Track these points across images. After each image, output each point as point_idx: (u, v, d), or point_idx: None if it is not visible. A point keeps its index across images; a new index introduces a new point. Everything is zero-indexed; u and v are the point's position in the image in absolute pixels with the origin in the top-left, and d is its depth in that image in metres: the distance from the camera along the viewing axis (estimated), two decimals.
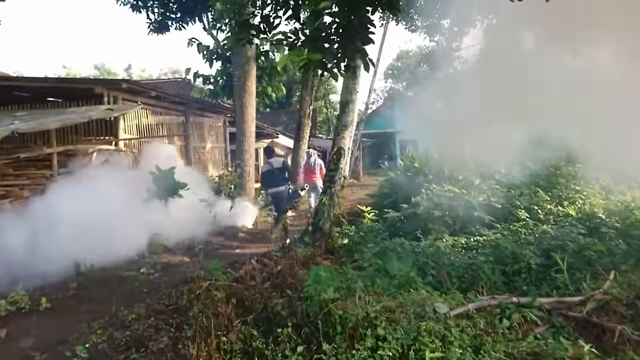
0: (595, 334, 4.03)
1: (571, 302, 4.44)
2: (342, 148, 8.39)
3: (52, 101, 11.64)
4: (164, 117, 12.77)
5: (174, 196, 9.19)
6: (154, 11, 14.65)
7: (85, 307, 5.66)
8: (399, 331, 3.75)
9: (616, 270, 4.86)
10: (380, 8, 4.22)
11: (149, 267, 7.42)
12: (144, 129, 11.84)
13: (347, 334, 3.82)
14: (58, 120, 8.61)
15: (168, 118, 13.01)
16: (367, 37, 4.45)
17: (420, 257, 5.70)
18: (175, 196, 9.20)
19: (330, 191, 8.17)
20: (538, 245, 5.71)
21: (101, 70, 48.03)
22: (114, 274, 6.96)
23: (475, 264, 5.44)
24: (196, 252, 8.63)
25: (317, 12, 3.99)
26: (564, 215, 7.38)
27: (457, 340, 3.70)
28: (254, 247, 9.23)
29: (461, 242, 6.60)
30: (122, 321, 4.92)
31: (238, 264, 6.65)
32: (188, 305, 4.72)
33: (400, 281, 5.02)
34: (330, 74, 4.53)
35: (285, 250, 7.32)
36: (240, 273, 5.79)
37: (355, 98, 8.80)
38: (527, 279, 5.25)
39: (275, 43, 4.24)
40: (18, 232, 6.93)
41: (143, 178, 9.07)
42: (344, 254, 7.01)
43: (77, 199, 7.30)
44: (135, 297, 5.82)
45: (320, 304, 4.13)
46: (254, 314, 4.46)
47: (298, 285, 4.91)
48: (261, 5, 4.83)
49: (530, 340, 3.80)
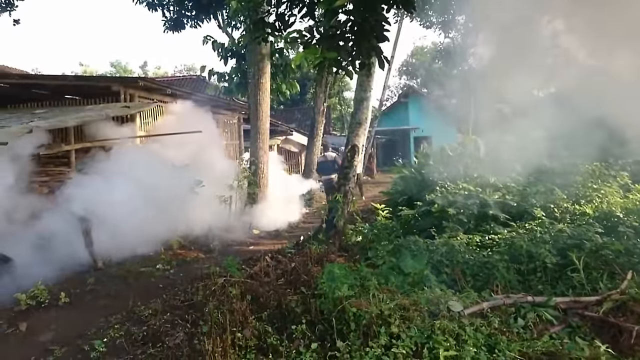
0: (612, 335, 3.98)
1: (587, 302, 4.39)
2: (356, 145, 8.40)
3: (70, 99, 11.81)
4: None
5: (190, 192, 9.27)
6: (170, 9, 14.75)
7: (102, 302, 5.76)
8: (413, 329, 3.75)
9: (634, 270, 4.79)
10: (395, 5, 4.21)
11: (164, 263, 7.52)
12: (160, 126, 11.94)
13: (361, 332, 3.83)
14: (76, 117, 8.75)
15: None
16: (382, 34, 4.46)
17: (434, 255, 5.67)
18: (191, 192, 9.29)
19: (344, 189, 8.18)
20: (554, 244, 5.64)
21: (117, 67, 48.54)
22: (131, 270, 7.07)
23: (490, 263, 5.40)
24: (211, 249, 8.74)
25: (332, 10, 4.00)
26: (580, 214, 7.28)
27: (471, 339, 3.69)
28: (268, 244, 9.29)
29: (476, 241, 6.56)
30: (139, 316, 5.00)
31: (252, 261, 6.72)
32: (203, 302, 4.79)
33: (414, 279, 5.01)
34: (345, 72, 4.54)
35: (299, 247, 7.36)
36: (255, 270, 5.86)
37: (370, 95, 8.79)
38: (542, 278, 5.19)
39: (290, 41, 4.24)
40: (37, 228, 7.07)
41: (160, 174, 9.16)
42: (358, 251, 7.01)
43: (94, 196, 7.42)
44: (151, 293, 5.91)
45: (334, 302, 4.15)
46: (268, 310, 4.51)
47: (312, 282, 4.95)
48: (276, 4, 4.84)
49: (546, 340, 3.76)
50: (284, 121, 24.27)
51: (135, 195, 7.86)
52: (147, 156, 10.43)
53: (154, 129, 11.53)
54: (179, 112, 11.84)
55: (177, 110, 12.01)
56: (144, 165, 9.01)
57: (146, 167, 8.99)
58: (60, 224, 7.18)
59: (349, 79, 5.10)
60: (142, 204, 7.94)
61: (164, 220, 8.78)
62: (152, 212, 8.30)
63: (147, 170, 8.71)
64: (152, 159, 9.80)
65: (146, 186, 8.42)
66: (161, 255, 7.94)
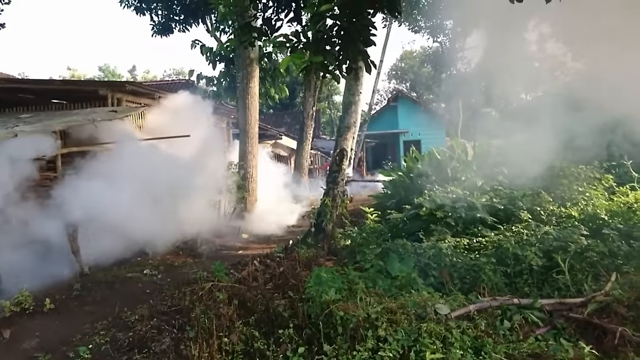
0: (596, 336, 4.02)
1: (572, 304, 4.43)
2: (344, 149, 8.41)
3: (57, 103, 11.70)
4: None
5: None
6: (158, 13, 14.71)
7: (88, 308, 5.70)
8: (400, 332, 3.77)
9: (618, 271, 4.85)
10: (380, 10, 4.24)
11: (152, 268, 7.46)
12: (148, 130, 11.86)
13: (348, 335, 3.84)
14: (62, 122, 8.67)
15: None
16: (368, 39, 4.48)
17: (422, 258, 5.70)
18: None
19: (332, 192, 8.18)
20: (540, 246, 5.69)
21: (105, 71, 48.23)
22: (117, 275, 7.00)
23: (477, 265, 5.44)
24: (200, 253, 8.70)
25: (318, 15, 4.01)
26: (566, 217, 7.34)
27: (457, 341, 3.71)
28: (257, 248, 9.26)
29: (463, 244, 6.59)
30: (125, 322, 4.96)
31: (241, 265, 6.69)
32: (190, 307, 4.76)
33: (401, 282, 5.04)
34: (332, 76, 4.55)
35: (287, 251, 7.35)
36: (243, 274, 5.84)
37: (358, 99, 8.82)
38: (528, 280, 5.24)
39: (277, 45, 4.26)
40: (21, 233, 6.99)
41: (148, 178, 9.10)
42: (347, 255, 7.02)
43: (81, 201, 7.35)
44: (138, 298, 5.85)
45: (321, 305, 4.15)
46: (255, 315, 4.50)
47: (300, 286, 4.94)
48: (263, 8, 4.85)
49: (531, 342, 3.79)
50: (274, 125, 24.28)
51: (123, 200, 7.79)
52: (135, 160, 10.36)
53: (145, 132, 11.46)
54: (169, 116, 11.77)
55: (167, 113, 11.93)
56: (132, 169, 8.95)
57: (134, 171, 8.95)
58: (47, 229, 7.10)
59: (337, 83, 5.12)
60: (130, 208, 7.87)
61: (153, 224, 8.72)
62: (141, 216, 8.25)
63: (136, 174, 8.67)
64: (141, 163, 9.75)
65: (134, 190, 8.36)
66: (149, 260, 7.88)
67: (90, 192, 7.64)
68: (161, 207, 9.14)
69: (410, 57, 46.66)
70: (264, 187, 13.06)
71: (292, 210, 13.82)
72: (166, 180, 9.07)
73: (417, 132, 32.70)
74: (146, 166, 8.96)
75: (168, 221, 9.21)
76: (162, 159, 9.82)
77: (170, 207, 9.30)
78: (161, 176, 9.13)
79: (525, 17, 12.96)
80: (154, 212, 8.82)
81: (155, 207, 8.90)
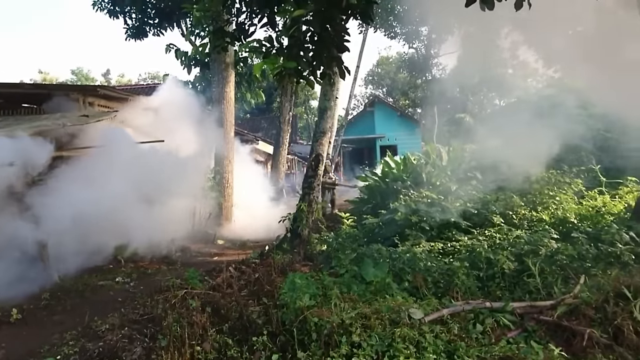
0: (566, 338, 4.10)
1: (542, 306, 4.51)
2: (320, 154, 8.43)
3: (27, 107, 11.40)
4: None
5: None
6: (132, 17, 14.48)
7: (57, 317, 5.56)
8: (374, 337, 3.78)
9: (586, 274, 4.96)
10: (353, 17, 4.26)
11: (124, 276, 7.33)
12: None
13: (322, 341, 3.83)
14: (31, 127, 8.44)
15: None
16: (342, 45, 4.50)
17: (397, 263, 5.72)
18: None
19: (308, 197, 8.18)
20: (512, 250, 5.79)
21: (78, 75, 47.34)
22: (88, 283, 6.85)
23: (451, 270, 5.48)
24: (174, 260, 8.57)
25: (292, 20, 4.02)
26: (537, 220, 7.50)
27: (431, 345, 3.74)
28: (233, 254, 9.18)
29: (438, 248, 6.67)
30: (95, 332, 4.83)
31: (215, 272, 6.60)
32: (163, 315, 4.67)
33: (376, 287, 5.05)
34: (306, 82, 4.55)
35: (263, 257, 7.31)
36: (217, 281, 5.77)
37: (334, 104, 8.86)
38: (501, 283, 5.32)
39: (251, 50, 4.25)
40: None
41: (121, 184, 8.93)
42: (322, 260, 7.02)
43: (52, 207, 7.18)
44: (109, 307, 5.72)
45: (295, 312, 4.13)
46: (229, 322, 4.44)
47: (275, 292, 4.91)
48: (236, 13, 4.83)
49: (503, 345, 3.85)
50: (250, 130, 24.14)
51: (94, 206, 7.63)
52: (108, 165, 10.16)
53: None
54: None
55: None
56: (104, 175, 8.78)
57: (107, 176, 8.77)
58: (15, 237, 6.90)
59: (312, 89, 5.13)
60: (102, 214, 7.71)
61: (126, 231, 8.57)
62: (114, 222, 8.09)
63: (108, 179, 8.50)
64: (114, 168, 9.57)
65: (107, 196, 8.20)
66: (121, 268, 7.74)
67: (61, 198, 7.47)
68: (135, 213, 8.99)
69: (387, 62, 47.10)
70: (240, 193, 12.97)
71: (269, 216, 13.75)
72: (140, 186, 8.94)
73: (394, 137, 33.05)
74: (119, 171, 8.81)
75: (142, 227, 9.06)
76: (136, 163, 9.66)
77: (144, 212, 9.16)
78: (135, 181, 8.99)
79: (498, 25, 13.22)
80: (127, 218, 8.67)
81: (129, 213, 8.75)
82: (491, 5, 3.59)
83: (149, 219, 9.15)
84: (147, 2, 13.95)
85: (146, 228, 9.06)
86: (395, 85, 43.70)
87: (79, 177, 8.23)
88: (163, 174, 9.73)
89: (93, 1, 14.19)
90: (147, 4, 13.93)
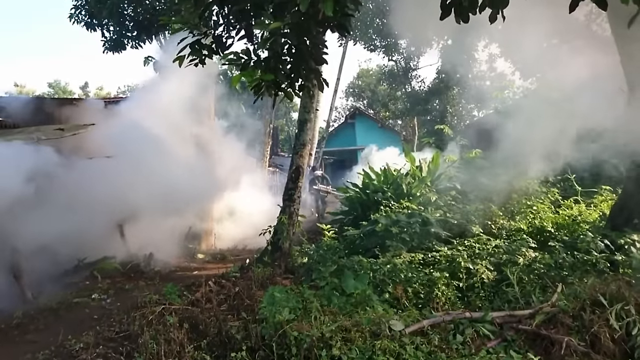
0: (544, 346, 4.13)
1: (521, 316, 4.54)
2: (300, 167, 8.40)
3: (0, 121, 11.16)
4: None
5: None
6: (110, 29, 14.35)
7: (30, 336, 5.37)
8: (354, 350, 3.75)
9: (563, 282, 5.02)
10: (330, 29, 4.29)
11: (101, 292, 7.14)
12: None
13: (302, 356, 3.79)
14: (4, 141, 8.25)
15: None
16: (320, 57, 4.51)
17: (377, 274, 5.72)
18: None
19: (289, 210, 8.14)
20: (491, 259, 5.84)
21: (56, 88, 46.59)
22: (63, 301, 6.65)
23: (432, 280, 5.51)
24: (152, 275, 8.41)
25: (270, 33, 4.02)
26: (515, 230, 7.59)
27: (411, 357, 3.73)
28: (213, 268, 9.05)
29: (418, 259, 6.67)
30: (69, 351, 4.69)
31: (195, 287, 6.50)
32: (139, 332, 4.57)
33: (356, 299, 5.03)
34: (285, 94, 4.55)
35: (243, 270, 7.23)
36: (196, 296, 5.68)
37: (314, 116, 8.88)
38: (480, 293, 5.35)
39: (228, 63, 4.23)
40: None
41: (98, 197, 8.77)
42: (303, 273, 6.96)
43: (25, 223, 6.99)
44: (84, 325, 5.56)
45: (275, 326, 4.09)
46: (208, 338, 4.37)
47: (255, 307, 4.85)
48: (213, 26, 4.81)
49: (483, 355, 3.86)
50: None
51: (69, 220, 7.46)
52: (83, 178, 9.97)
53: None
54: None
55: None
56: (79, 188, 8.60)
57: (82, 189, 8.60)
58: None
59: (290, 101, 5.12)
60: (78, 229, 7.55)
61: (102, 246, 8.40)
62: (90, 238, 7.92)
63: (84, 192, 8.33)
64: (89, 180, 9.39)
65: (83, 210, 8.02)
66: (98, 284, 7.55)
67: (34, 213, 7.29)
68: (112, 227, 8.83)
69: (367, 75, 47.44)
70: (220, 206, 12.85)
71: (250, 228, 13.64)
72: (118, 199, 8.77)
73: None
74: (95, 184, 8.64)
75: (119, 242, 8.90)
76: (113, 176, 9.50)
77: (122, 227, 9.01)
78: (112, 195, 8.83)
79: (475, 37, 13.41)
80: (104, 233, 8.51)
81: (105, 227, 8.59)
82: (466, 18, 3.64)
83: (127, 234, 9.01)
84: (125, 14, 13.86)
85: (123, 243, 8.91)
86: (375, 97, 43.98)
87: (52, 190, 8.05)
88: (141, 188, 9.60)
89: (70, 14, 14.04)
90: (124, 16, 13.84)
